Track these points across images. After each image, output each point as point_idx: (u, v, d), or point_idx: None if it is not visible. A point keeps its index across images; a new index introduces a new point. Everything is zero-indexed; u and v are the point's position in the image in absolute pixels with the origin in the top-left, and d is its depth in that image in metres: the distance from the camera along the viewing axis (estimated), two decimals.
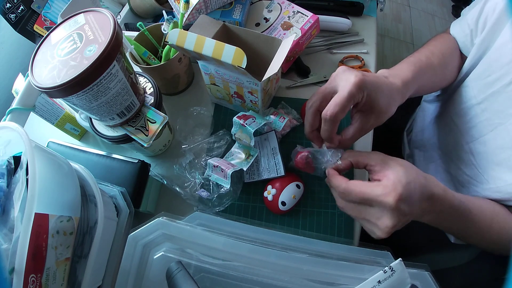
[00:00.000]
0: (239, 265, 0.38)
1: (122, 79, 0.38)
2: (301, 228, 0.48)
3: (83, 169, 0.36)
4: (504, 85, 0.41)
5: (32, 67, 0.36)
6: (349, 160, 0.38)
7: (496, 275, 0.49)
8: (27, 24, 0.59)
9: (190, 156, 0.51)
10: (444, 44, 0.52)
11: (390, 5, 1.90)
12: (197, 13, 0.57)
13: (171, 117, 0.53)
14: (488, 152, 0.45)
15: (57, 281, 0.28)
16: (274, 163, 0.49)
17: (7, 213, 0.28)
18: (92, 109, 0.39)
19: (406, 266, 0.33)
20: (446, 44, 0.52)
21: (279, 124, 0.51)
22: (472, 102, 0.47)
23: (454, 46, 0.52)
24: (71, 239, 0.30)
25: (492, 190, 0.44)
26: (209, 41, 0.41)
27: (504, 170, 0.43)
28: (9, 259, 0.24)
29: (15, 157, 0.30)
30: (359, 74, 0.36)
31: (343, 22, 0.65)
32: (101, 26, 0.36)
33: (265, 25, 0.60)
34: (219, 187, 0.47)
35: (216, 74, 0.50)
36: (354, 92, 0.35)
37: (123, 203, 0.40)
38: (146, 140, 0.44)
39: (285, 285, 0.37)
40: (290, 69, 0.62)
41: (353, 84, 0.35)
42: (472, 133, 0.48)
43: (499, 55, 0.43)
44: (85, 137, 0.60)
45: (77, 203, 0.31)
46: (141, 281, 0.38)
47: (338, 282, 0.36)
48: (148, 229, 0.39)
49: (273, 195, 0.47)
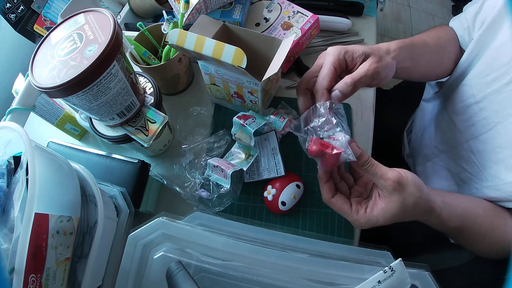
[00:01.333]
0: (239, 265, 0.38)
1: (122, 79, 0.38)
2: (301, 228, 0.48)
3: (83, 169, 0.36)
4: (503, 85, 0.41)
5: (32, 67, 0.36)
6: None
7: (496, 275, 0.49)
8: (27, 24, 0.59)
9: (190, 156, 0.51)
10: (440, 31, 0.52)
11: (390, 5, 1.90)
12: (197, 13, 0.57)
13: (171, 117, 0.53)
14: (487, 151, 0.45)
15: (57, 281, 0.28)
16: (274, 163, 0.49)
17: (7, 213, 0.28)
18: (92, 109, 0.39)
19: (406, 266, 0.33)
20: (443, 31, 0.52)
21: (279, 124, 0.51)
22: (471, 101, 0.47)
23: (452, 34, 0.52)
24: (71, 239, 0.30)
25: (491, 188, 0.44)
26: (209, 41, 0.41)
27: (502, 169, 0.43)
28: (9, 259, 0.24)
29: (15, 157, 0.30)
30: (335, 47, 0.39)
31: (343, 22, 0.65)
32: (101, 26, 0.36)
33: (265, 25, 0.60)
34: (219, 187, 0.47)
35: (216, 74, 0.50)
36: (334, 60, 0.38)
37: (123, 203, 0.40)
38: (146, 140, 0.44)
39: (285, 285, 0.37)
40: (290, 69, 0.62)
41: (332, 53, 0.39)
42: (471, 132, 0.48)
43: (498, 54, 0.43)
44: (85, 137, 0.60)
45: (77, 203, 0.31)
46: (141, 281, 0.38)
47: (338, 282, 0.36)
48: (148, 229, 0.39)
49: (273, 195, 0.47)
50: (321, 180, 0.38)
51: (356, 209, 0.36)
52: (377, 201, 0.36)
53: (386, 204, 0.35)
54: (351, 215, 0.36)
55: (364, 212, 0.36)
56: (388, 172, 0.34)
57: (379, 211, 0.35)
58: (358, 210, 0.36)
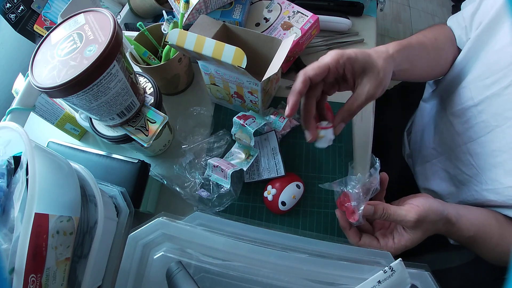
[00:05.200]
0: (239, 265, 0.38)
1: (122, 79, 0.38)
2: (301, 228, 0.48)
3: (83, 169, 0.36)
4: (502, 88, 0.41)
5: (32, 67, 0.36)
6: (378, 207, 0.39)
7: (496, 275, 0.49)
8: (27, 24, 0.59)
9: (190, 156, 0.51)
10: (438, 31, 0.52)
11: (390, 5, 1.90)
12: (197, 13, 0.57)
13: (171, 117, 0.53)
14: (485, 154, 0.45)
15: (57, 281, 0.28)
16: (274, 163, 0.49)
17: (7, 213, 0.28)
18: (92, 109, 0.39)
19: (406, 266, 0.33)
20: (440, 31, 0.52)
21: (279, 124, 0.51)
22: (469, 103, 0.47)
23: (450, 35, 0.52)
24: (71, 239, 0.30)
25: (490, 191, 0.44)
26: (209, 41, 0.41)
27: (501, 173, 0.43)
28: (9, 259, 0.24)
29: (15, 157, 0.30)
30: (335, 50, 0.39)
31: (343, 22, 0.65)
32: (101, 26, 0.36)
33: (265, 25, 0.60)
34: (219, 187, 0.47)
35: (216, 74, 0.50)
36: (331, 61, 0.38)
37: (123, 203, 0.40)
38: (146, 140, 0.44)
39: (285, 285, 0.37)
40: (290, 69, 0.62)
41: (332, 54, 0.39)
42: (469, 134, 0.48)
43: (498, 57, 0.42)
44: (85, 137, 0.60)
45: (77, 203, 0.31)
46: (141, 281, 0.38)
47: (338, 282, 0.36)
48: (148, 229, 0.38)
49: (273, 195, 0.47)
50: (345, 229, 0.42)
51: (385, 243, 0.40)
52: (403, 233, 0.40)
53: (412, 235, 0.39)
54: (381, 249, 0.39)
55: (393, 244, 0.40)
56: (406, 215, 0.37)
57: (406, 241, 0.39)
58: (386, 243, 0.40)
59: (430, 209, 0.37)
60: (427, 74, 0.53)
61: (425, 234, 0.38)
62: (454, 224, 0.39)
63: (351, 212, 0.40)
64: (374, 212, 0.38)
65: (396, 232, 0.41)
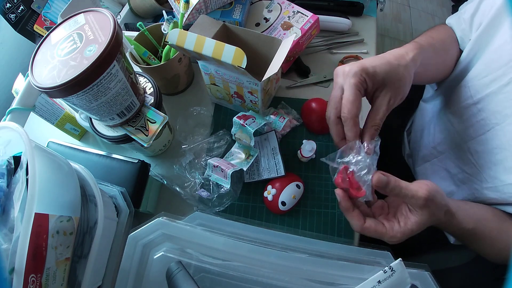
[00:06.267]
0: (239, 265, 0.38)
1: (122, 79, 0.38)
2: (301, 228, 0.48)
3: (83, 169, 0.36)
4: (502, 86, 0.41)
5: (32, 67, 0.36)
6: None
7: (496, 275, 0.49)
8: (27, 24, 0.59)
9: (190, 156, 0.51)
10: (443, 33, 0.52)
11: (390, 5, 1.90)
12: (197, 13, 0.57)
13: (171, 117, 0.53)
14: (485, 152, 0.45)
15: (57, 281, 0.28)
16: (274, 163, 0.49)
17: (7, 213, 0.28)
18: (92, 109, 0.39)
19: (406, 266, 0.33)
20: (445, 32, 0.52)
21: (279, 124, 0.51)
22: (469, 102, 0.47)
23: (453, 36, 0.52)
24: (71, 239, 0.30)
25: (491, 189, 0.44)
26: (209, 41, 0.41)
27: (501, 170, 0.43)
28: (9, 259, 0.24)
29: (15, 157, 0.30)
30: (354, 66, 0.37)
31: (343, 22, 0.65)
32: (101, 26, 0.36)
33: (265, 25, 0.60)
34: (219, 187, 0.47)
35: (216, 74, 0.50)
36: (357, 83, 0.37)
37: (123, 203, 0.40)
38: (146, 140, 0.44)
39: (285, 285, 0.37)
40: (290, 69, 0.62)
41: (353, 77, 0.37)
42: (469, 133, 0.48)
43: (497, 56, 0.43)
44: (85, 137, 0.60)
45: (77, 203, 0.31)
46: (141, 281, 0.38)
47: (338, 282, 0.36)
48: (148, 229, 0.38)
49: (273, 195, 0.47)
50: (347, 211, 0.38)
51: (391, 227, 0.37)
52: (409, 215, 0.37)
53: (419, 217, 0.36)
54: (387, 234, 0.36)
55: (399, 227, 0.37)
56: (417, 191, 0.35)
57: (412, 224, 0.36)
58: (392, 227, 0.37)
59: (437, 190, 0.36)
60: (436, 76, 0.53)
61: (430, 218, 0.36)
62: (454, 214, 0.37)
63: (356, 186, 0.36)
64: (387, 183, 0.35)
65: (400, 215, 0.38)
